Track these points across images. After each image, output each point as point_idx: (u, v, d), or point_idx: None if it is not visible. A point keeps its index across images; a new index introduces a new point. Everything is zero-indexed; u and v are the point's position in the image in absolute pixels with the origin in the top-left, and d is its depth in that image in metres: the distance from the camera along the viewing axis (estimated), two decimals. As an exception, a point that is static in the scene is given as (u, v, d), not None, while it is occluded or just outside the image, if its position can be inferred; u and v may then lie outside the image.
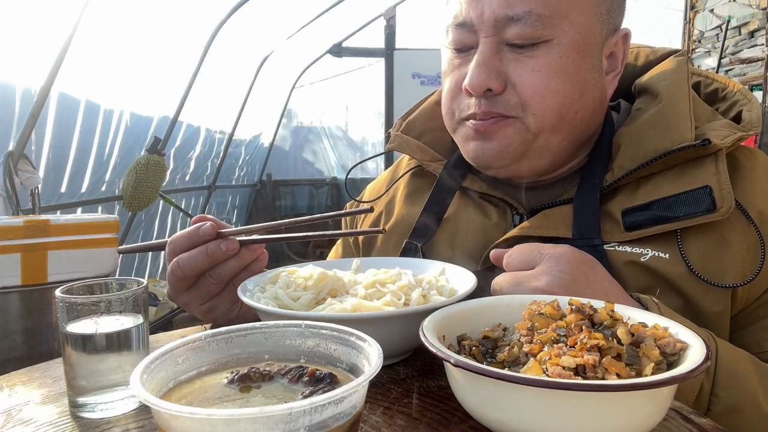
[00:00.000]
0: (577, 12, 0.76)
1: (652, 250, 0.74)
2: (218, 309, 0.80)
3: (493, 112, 0.79)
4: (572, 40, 0.76)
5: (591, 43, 0.78)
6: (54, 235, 1.89)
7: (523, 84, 0.77)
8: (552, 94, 0.77)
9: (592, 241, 0.76)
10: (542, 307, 0.54)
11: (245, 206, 6.99)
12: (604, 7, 0.79)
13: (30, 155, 2.78)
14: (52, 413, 0.56)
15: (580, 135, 0.83)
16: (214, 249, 0.74)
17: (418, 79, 4.88)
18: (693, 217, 0.72)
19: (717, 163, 0.74)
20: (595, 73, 0.80)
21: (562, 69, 0.77)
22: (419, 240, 0.90)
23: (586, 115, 0.81)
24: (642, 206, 0.76)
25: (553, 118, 0.78)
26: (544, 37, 0.75)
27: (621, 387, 0.41)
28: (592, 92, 0.80)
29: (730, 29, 4.86)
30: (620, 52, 0.83)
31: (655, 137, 0.78)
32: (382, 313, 0.60)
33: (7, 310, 1.82)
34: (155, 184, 3.61)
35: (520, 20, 0.74)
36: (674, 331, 0.51)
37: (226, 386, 0.44)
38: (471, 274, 0.73)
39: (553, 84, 0.76)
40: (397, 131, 0.99)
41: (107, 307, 0.56)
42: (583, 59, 0.78)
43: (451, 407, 0.55)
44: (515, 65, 0.77)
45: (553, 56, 0.76)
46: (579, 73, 0.78)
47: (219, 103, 5.14)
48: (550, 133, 0.79)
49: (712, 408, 0.64)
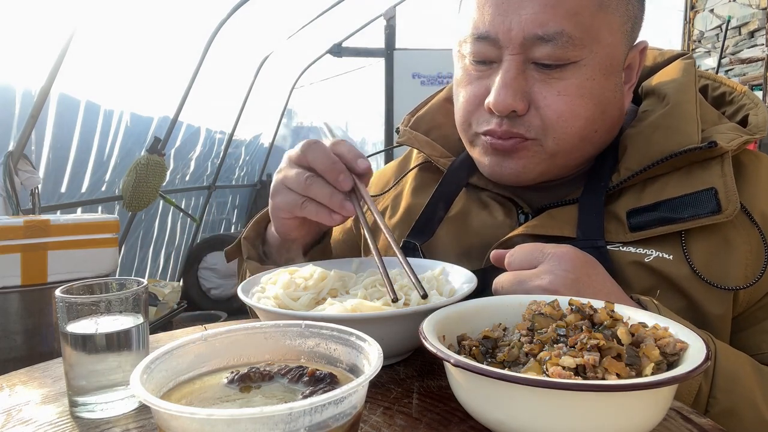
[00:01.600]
0: (607, 32, 0.75)
1: (657, 251, 0.74)
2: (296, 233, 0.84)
3: (513, 133, 0.77)
4: (600, 61, 0.75)
5: (616, 62, 0.78)
6: (54, 235, 1.88)
7: (548, 107, 0.75)
8: (576, 118, 0.76)
9: (595, 242, 0.76)
10: (542, 307, 0.54)
11: (245, 206, 6.99)
12: (630, 24, 0.78)
13: (30, 155, 2.78)
14: (52, 413, 0.56)
15: (596, 149, 0.83)
16: (339, 207, 0.75)
17: (418, 79, 4.88)
18: (698, 219, 0.72)
19: (723, 166, 0.74)
20: (617, 92, 0.80)
21: (588, 92, 0.75)
22: (418, 239, 0.90)
23: (605, 132, 0.81)
24: (647, 207, 0.75)
25: (573, 141, 0.78)
26: (573, 58, 0.73)
27: (621, 387, 0.41)
28: (613, 111, 0.80)
29: (730, 29, 4.86)
30: (636, 63, 0.83)
31: (662, 139, 0.78)
32: (382, 313, 0.60)
33: (7, 310, 1.82)
34: (155, 184, 3.61)
35: (551, 41, 0.72)
36: (674, 331, 0.51)
37: (226, 386, 0.44)
38: (471, 274, 0.73)
39: (578, 108, 0.75)
40: (406, 126, 0.99)
41: (107, 307, 0.56)
42: (608, 79, 0.77)
43: (451, 407, 0.55)
44: (540, 86, 0.75)
45: (581, 78, 0.75)
46: (603, 94, 0.77)
47: (219, 103, 5.14)
48: (568, 154, 0.80)
49: (709, 410, 0.64)
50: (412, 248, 0.89)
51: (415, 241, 0.89)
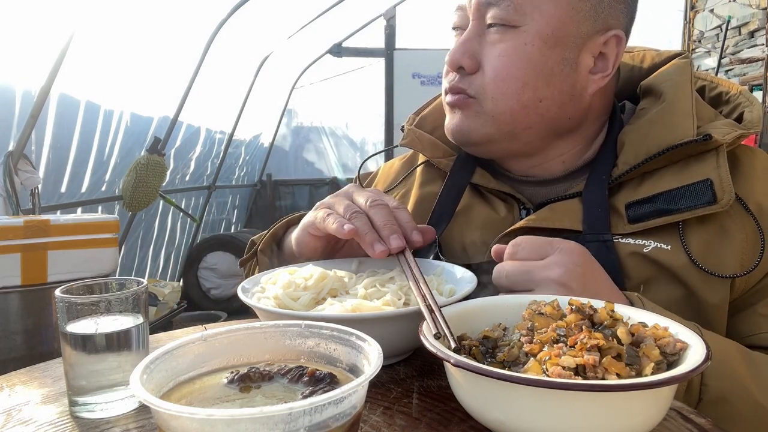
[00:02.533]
0: (551, 4, 0.80)
1: (655, 242, 0.76)
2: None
3: (459, 88, 0.85)
4: (540, 29, 0.80)
5: (564, 36, 0.81)
6: (54, 235, 1.88)
7: (489, 67, 0.82)
8: (511, 79, 0.81)
9: (602, 236, 0.78)
10: (542, 307, 0.54)
11: (245, 206, 6.99)
12: (588, 4, 0.80)
13: (30, 155, 2.78)
14: (52, 413, 0.56)
15: (551, 125, 0.85)
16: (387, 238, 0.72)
17: (418, 79, 4.88)
18: (694, 209, 0.74)
19: (718, 158, 0.76)
20: (566, 67, 0.82)
21: (526, 56, 0.80)
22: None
23: (552, 105, 0.83)
24: (645, 199, 0.78)
25: (511, 103, 0.82)
26: (515, 22, 0.80)
27: (621, 387, 0.41)
28: (560, 85, 0.82)
29: (730, 29, 4.86)
30: (612, 54, 0.84)
31: (659, 134, 0.81)
32: (382, 313, 0.60)
33: (7, 310, 1.82)
34: (155, 184, 3.61)
35: (497, 5, 0.81)
36: (674, 331, 0.51)
37: (226, 386, 0.44)
38: (471, 274, 0.73)
39: (513, 69, 0.81)
40: (411, 125, 1.02)
41: (107, 307, 0.56)
42: (552, 50, 0.81)
43: (451, 407, 0.55)
44: (488, 48, 0.83)
45: (519, 42, 0.80)
46: (545, 63, 0.81)
47: (219, 103, 5.14)
48: (512, 118, 0.83)
49: (702, 397, 0.65)
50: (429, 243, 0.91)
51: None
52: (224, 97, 5.22)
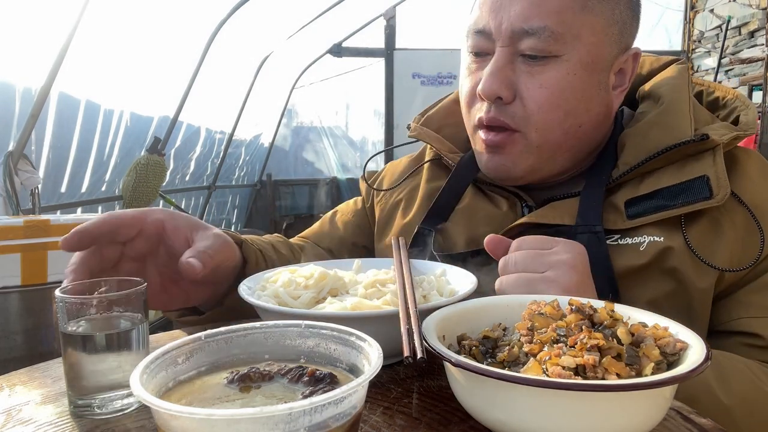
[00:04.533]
0: (589, 32, 0.80)
1: (648, 236, 0.79)
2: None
3: (499, 120, 0.83)
4: (581, 58, 0.80)
5: (600, 61, 0.82)
6: (54, 235, 1.89)
7: (530, 98, 0.81)
8: (555, 109, 0.81)
9: (593, 227, 0.80)
10: (542, 307, 0.54)
11: (245, 206, 6.99)
12: (616, 28, 0.83)
13: (30, 155, 2.78)
14: (52, 413, 0.56)
15: (585, 146, 0.88)
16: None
17: (418, 79, 4.89)
18: (691, 204, 0.77)
19: (715, 157, 0.79)
20: (602, 90, 0.84)
21: (568, 85, 0.81)
22: (432, 225, 0.94)
23: (590, 128, 0.86)
24: (644, 196, 0.81)
25: (555, 133, 0.83)
26: (555, 52, 0.79)
27: (621, 387, 0.41)
28: (597, 107, 0.85)
29: (730, 29, 4.87)
30: (629, 68, 0.87)
31: (658, 135, 0.83)
32: (382, 312, 0.60)
33: (7, 310, 1.82)
34: (155, 184, 3.61)
35: (535, 34, 0.79)
36: (674, 331, 0.51)
37: (226, 386, 0.44)
38: (471, 275, 0.73)
39: (558, 99, 0.81)
40: (417, 124, 1.05)
41: (107, 307, 0.56)
42: (591, 76, 0.82)
43: (451, 407, 0.55)
44: (525, 78, 0.81)
45: (561, 72, 0.80)
46: (585, 90, 0.82)
47: (219, 103, 5.14)
48: (555, 147, 0.84)
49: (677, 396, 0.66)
50: (427, 234, 0.93)
51: (429, 227, 0.94)
52: (224, 97, 5.22)
